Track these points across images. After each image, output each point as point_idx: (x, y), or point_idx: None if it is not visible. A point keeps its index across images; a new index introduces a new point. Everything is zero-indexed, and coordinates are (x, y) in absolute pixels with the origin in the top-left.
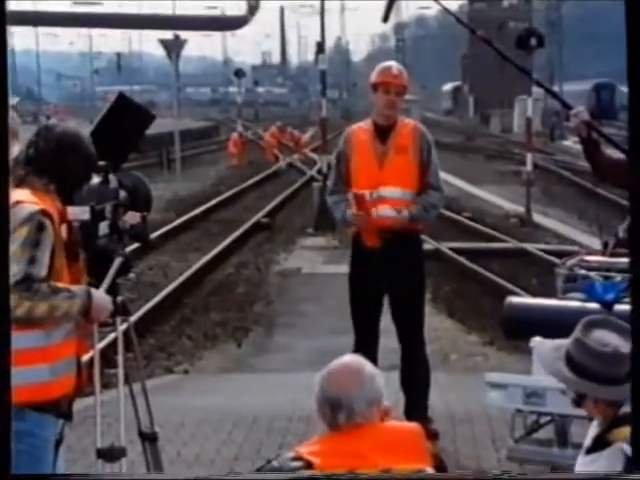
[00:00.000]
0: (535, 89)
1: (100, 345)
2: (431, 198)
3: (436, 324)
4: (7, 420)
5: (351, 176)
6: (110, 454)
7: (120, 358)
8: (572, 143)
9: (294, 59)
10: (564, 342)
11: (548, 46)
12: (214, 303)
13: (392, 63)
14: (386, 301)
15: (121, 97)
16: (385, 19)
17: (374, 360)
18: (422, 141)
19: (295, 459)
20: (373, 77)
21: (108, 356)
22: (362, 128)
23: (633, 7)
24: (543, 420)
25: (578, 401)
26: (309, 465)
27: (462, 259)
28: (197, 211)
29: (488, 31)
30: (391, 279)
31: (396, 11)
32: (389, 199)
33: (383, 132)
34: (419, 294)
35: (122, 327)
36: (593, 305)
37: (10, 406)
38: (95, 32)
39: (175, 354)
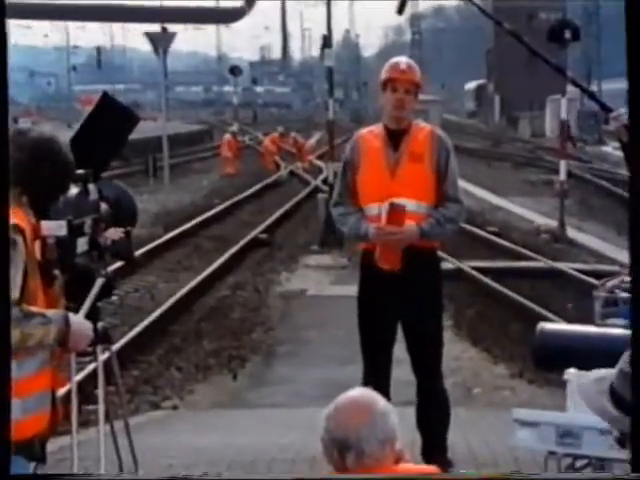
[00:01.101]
0: (570, 88)
1: (78, 377)
2: (448, 211)
3: (457, 353)
4: (7, 421)
5: (359, 187)
6: None
7: (100, 392)
8: (612, 149)
9: (297, 55)
10: (607, 373)
11: (584, 39)
12: (207, 330)
13: (401, 58)
14: (400, 327)
15: (105, 97)
16: (400, 11)
17: (386, 394)
18: (439, 147)
19: None
20: (381, 74)
21: (87, 390)
22: (372, 133)
23: (633, 7)
24: (579, 464)
25: (622, 441)
26: None
27: (487, 280)
28: (188, 226)
29: (516, 23)
30: (406, 302)
31: (412, 1)
32: None
33: (395, 137)
34: (437, 319)
35: (103, 357)
36: None
37: (10, 409)
38: (72, 24)
39: (162, 387)
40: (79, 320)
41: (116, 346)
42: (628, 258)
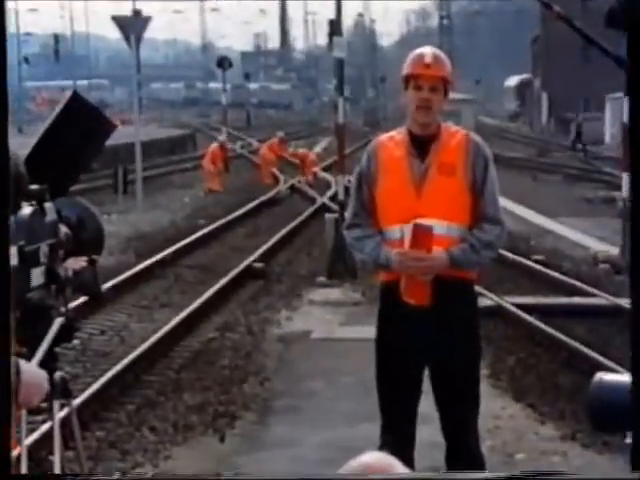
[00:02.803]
0: None
1: (29, 439)
2: (486, 234)
3: (496, 410)
4: (7, 420)
5: (378, 205)
6: None
7: (56, 457)
8: None
9: (299, 44)
10: None
11: None
12: (188, 380)
13: (426, 48)
14: (427, 376)
15: (75, 98)
16: None
17: (409, 459)
18: (475, 156)
19: None
20: (403, 68)
21: (40, 454)
22: (393, 140)
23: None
24: None
25: None
26: None
27: (532, 319)
28: (166, 253)
29: (569, 5)
30: (435, 346)
31: None
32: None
33: (421, 145)
34: (473, 367)
35: (60, 414)
36: None
37: (10, 406)
38: (23, 4)
39: (133, 452)
40: (32, 369)
41: (77, 401)
42: None
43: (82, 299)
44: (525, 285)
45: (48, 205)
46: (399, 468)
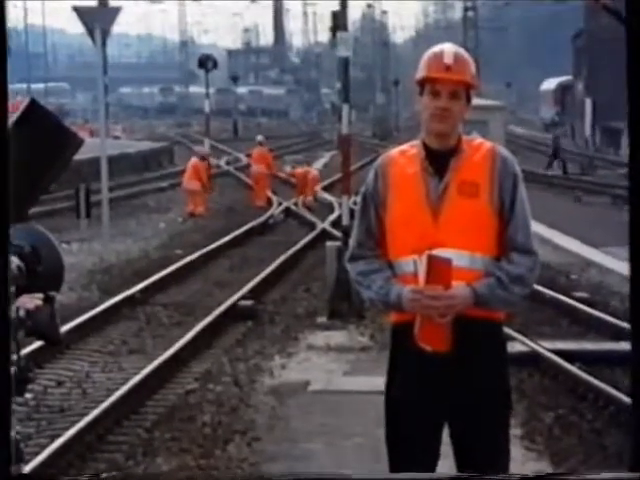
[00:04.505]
0: None
1: None
2: (515, 267)
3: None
4: (7, 420)
5: (387, 232)
6: None
7: None
8: None
9: (296, 40)
10: None
11: None
12: (162, 441)
13: (447, 46)
14: (446, 436)
15: (33, 107)
16: None
17: None
18: (503, 174)
19: None
20: (418, 70)
21: None
22: (406, 154)
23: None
24: None
25: None
26: None
27: (574, 368)
28: (135, 289)
29: None
30: (456, 399)
31: None
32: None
33: (439, 160)
34: (502, 425)
35: None
36: None
37: (10, 406)
38: None
39: None
40: None
41: (28, 467)
42: None
43: (37, 344)
44: (565, 328)
45: None
46: None
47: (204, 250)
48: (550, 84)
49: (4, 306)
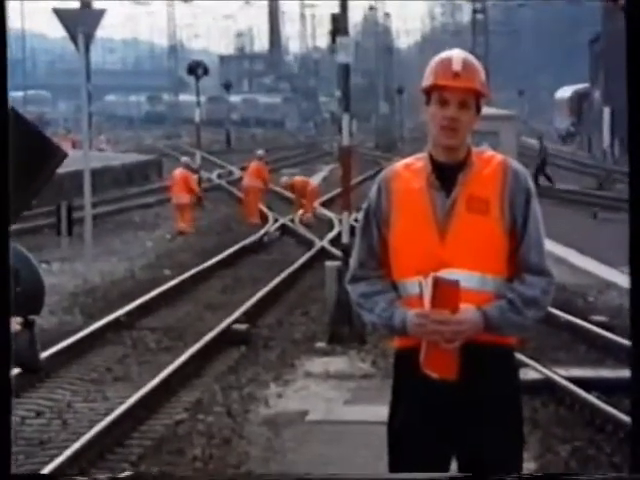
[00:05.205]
0: None
1: None
2: (529, 288)
3: None
4: (7, 420)
5: (391, 251)
6: None
7: None
8: None
9: (293, 46)
10: None
11: None
12: (150, 476)
13: (455, 52)
14: (454, 470)
15: (14, 117)
16: None
17: None
18: (515, 189)
19: None
20: (424, 78)
21: None
22: (411, 168)
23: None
24: None
25: None
26: None
27: (591, 397)
28: (121, 312)
29: None
30: (464, 430)
31: None
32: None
33: (447, 174)
34: (514, 458)
35: None
36: None
37: (10, 406)
38: None
39: None
40: None
41: None
42: None
43: (15, 371)
44: (582, 354)
45: None
46: None
47: (194, 270)
48: (565, 92)
49: (4, 309)
